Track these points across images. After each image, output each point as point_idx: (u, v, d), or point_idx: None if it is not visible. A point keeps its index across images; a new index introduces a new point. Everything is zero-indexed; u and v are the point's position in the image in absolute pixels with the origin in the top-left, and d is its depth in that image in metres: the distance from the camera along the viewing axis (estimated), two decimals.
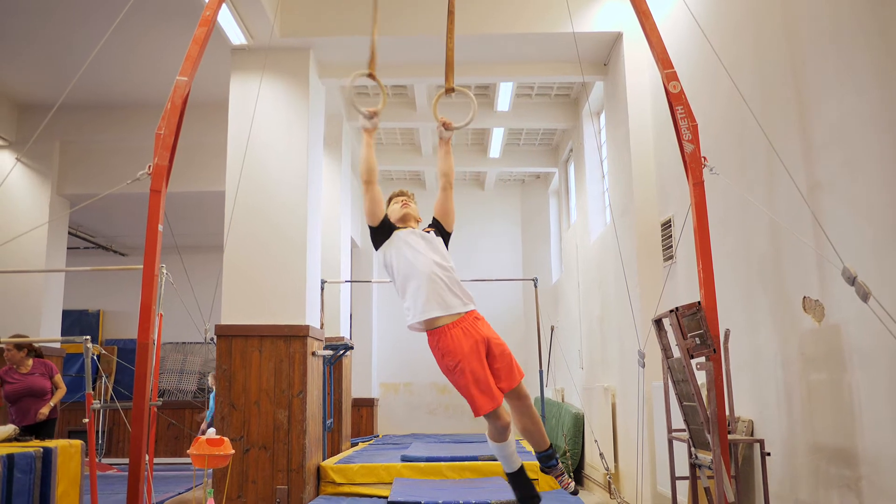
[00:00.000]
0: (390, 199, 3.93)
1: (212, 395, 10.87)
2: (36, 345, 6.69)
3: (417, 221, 3.86)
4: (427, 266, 3.58)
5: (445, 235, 3.85)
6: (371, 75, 4.01)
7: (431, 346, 3.60)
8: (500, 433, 3.60)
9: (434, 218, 3.89)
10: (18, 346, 6.45)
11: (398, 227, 3.75)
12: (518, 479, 3.74)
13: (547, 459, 3.73)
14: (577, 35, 6.43)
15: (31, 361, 6.53)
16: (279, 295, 6.50)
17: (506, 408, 3.59)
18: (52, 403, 6.44)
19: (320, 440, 6.94)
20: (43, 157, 8.79)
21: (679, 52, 5.17)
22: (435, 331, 3.56)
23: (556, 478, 3.71)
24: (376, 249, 3.78)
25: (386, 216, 3.77)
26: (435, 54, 6.98)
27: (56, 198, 8.88)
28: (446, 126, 3.91)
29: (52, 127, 8.27)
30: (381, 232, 3.73)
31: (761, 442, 3.88)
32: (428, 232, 3.79)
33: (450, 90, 4.07)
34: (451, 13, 4.13)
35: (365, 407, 11.67)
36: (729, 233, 4.68)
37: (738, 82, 4.09)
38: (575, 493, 3.75)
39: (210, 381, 5.28)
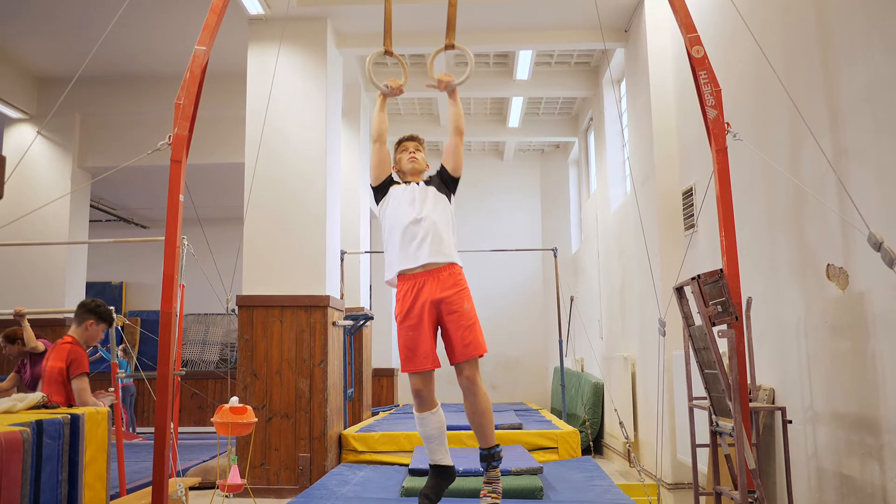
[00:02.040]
0: (398, 145, 3.88)
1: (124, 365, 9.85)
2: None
3: (424, 171, 3.81)
4: (404, 219, 3.56)
5: (452, 182, 3.76)
6: (388, 52, 4.00)
7: None
8: (415, 399, 3.56)
9: (441, 164, 3.83)
10: (11, 341, 5.86)
11: (395, 184, 3.75)
12: (434, 473, 3.53)
13: (488, 458, 3.47)
14: (598, 1, 6.34)
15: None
16: (299, 265, 6.54)
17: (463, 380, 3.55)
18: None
19: (341, 409, 7.01)
20: (64, 131, 8.85)
21: (701, 15, 5.08)
22: (399, 277, 3.57)
23: (484, 483, 3.43)
24: (377, 205, 3.79)
25: (388, 177, 3.77)
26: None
27: (77, 170, 8.94)
28: (442, 85, 3.87)
29: (73, 100, 8.31)
30: (380, 191, 3.77)
31: (783, 409, 3.87)
32: (429, 182, 3.72)
33: (449, 46, 4.05)
34: None
35: (385, 377, 11.76)
36: (751, 200, 4.62)
37: (762, 46, 4.02)
38: None
39: (119, 353, 4.71)
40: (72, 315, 4.54)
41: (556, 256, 8.67)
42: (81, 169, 9.00)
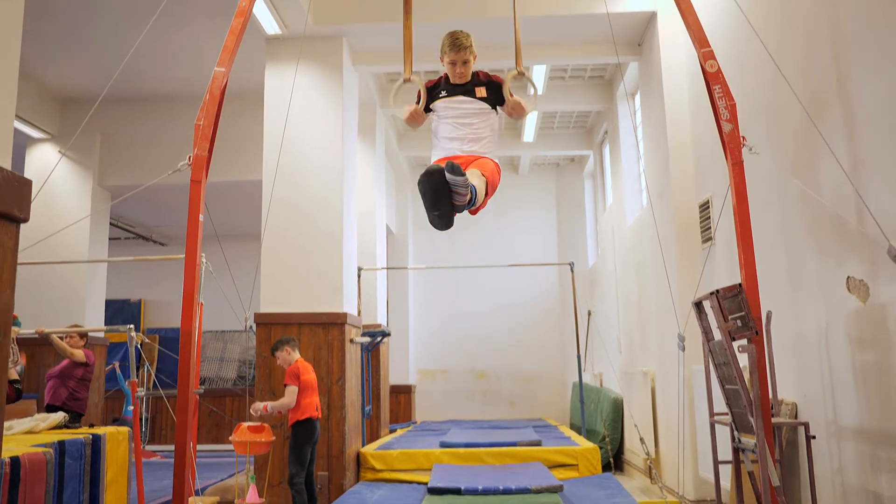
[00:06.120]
0: (443, 55, 3.73)
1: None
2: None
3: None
4: (447, 135, 3.68)
5: (499, 93, 3.74)
6: (408, 80, 3.98)
7: None
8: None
9: (502, 94, 3.74)
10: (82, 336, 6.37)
11: (438, 97, 3.75)
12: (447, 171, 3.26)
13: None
14: (611, 15, 6.36)
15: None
16: (317, 283, 6.56)
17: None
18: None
19: (359, 427, 7.00)
20: (85, 150, 8.95)
21: (714, 28, 5.08)
22: None
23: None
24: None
25: (427, 102, 3.79)
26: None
27: (98, 189, 9.04)
28: (512, 115, 3.85)
29: (93, 120, 8.34)
30: (425, 109, 3.82)
31: (806, 425, 3.82)
32: (477, 84, 3.73)
33: (520, 74, 3.98)
34: None
35: (403, 393, 11.74)
36: (769, 213, 4.60)
37: (776, 58, 4.01)
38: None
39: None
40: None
41: (572, 270, 8.65)
42: (102, 187, 9.09)
